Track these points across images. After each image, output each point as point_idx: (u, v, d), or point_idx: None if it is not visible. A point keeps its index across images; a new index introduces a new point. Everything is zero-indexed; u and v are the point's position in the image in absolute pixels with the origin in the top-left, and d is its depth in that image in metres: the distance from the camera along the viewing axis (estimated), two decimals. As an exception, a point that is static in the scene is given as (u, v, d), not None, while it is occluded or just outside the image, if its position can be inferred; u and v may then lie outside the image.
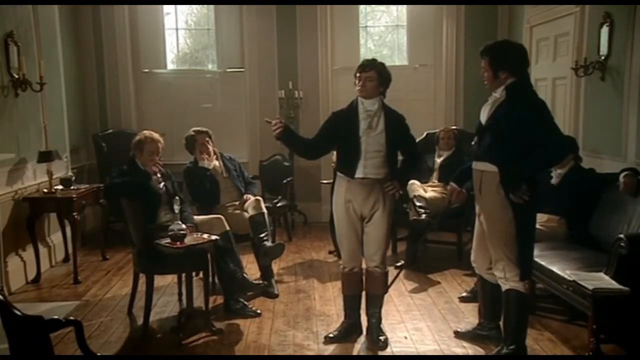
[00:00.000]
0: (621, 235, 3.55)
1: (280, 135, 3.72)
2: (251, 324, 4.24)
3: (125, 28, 7.27)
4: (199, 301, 4.36)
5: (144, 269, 4.26)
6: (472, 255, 3.81)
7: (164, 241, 3.96)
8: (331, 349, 3.86)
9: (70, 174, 5.76)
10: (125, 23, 7.27)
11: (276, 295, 4.79)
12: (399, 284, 4.81)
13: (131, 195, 4.21)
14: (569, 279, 3.69)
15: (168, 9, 7.55)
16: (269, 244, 4.75)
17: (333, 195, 4.02)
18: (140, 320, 4.21)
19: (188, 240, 3.97)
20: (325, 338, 3.95)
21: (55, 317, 2.24)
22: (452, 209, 5.03)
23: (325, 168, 6.72)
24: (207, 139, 4.99)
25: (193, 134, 5.00)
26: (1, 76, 4.96)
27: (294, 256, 6.02)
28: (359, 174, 3.73)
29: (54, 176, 5.38)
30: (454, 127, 6.22)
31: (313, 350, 3.82)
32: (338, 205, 3.88)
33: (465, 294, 4.68)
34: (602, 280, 3.53)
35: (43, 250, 5.48)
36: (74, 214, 5.29)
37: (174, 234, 3.92)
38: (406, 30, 7.61)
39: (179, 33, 7.71)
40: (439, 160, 5.90)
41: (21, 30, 5.25)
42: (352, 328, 4.01)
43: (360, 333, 4.01)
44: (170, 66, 7.73)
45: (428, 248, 5.82)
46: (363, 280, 3.96)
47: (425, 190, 5.63)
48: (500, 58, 3.41)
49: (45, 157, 5.30)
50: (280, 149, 6.23)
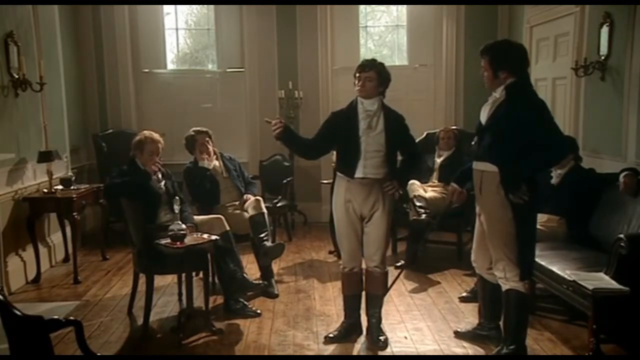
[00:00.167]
0: (621, 235, 3.55)
1: (280, 135, 3.73)
2: (251, 324, 4.24)
3: (125, 28, 7.28)
4: (199, 301, 4.36)
5: (144, 269, 4.26)
6: (473, 255, 3.81)
7: (164, 241, 3.96)
8: (331, 349, 3.86)
9: (70, 174, 5.76)
10: (125, 23, 7.28)
11: (276, 295, 4.80)
12: (399, 284, 4.81)
13: (131, 195, 4.21)
14: (569, 279, 3.69)
15: (168, 9, 7.55)
16: (269, 244, 4.75)
17: (333, 195, 4.02)
18: (140, 320, 4.21)
19: (188, 240, 3.97)
20: (325, 338, 3.95)
21: (55, 317, 2.24)
22: (452, 209, 5.03)
23: (325, 168, 6.72)
24: (207, 139, 4.99)
25: (193, 134, 5.00)
26: (1, 76, 4.96)
27: (294, 256, 6.02)
28: (358, 173, 3.73)
29: (54, 176, 5.38)
30: (454, 127, 6.22)
31: (313, 350, 3.82)
32: (338, 205, 3.88)
33: (465, 294, 4.69)
34: (602, 280, 3.53)
35: (43, 250, 5.48)
36: (74, 214, 5.29)
37: (174, 234, 3.92)
38: (406, 30, 7.61)
39: (179, 33, 7.72)
40: (439, 160, 5.90)
41: (21, 30, 5.25)
42: (352, 328, 4.01)
43: (360, 333, 4.01)
44: (170, 66, 7.73)
45: (428, 248, 5.82)
46: (363, 280, 3.96)
47: (425, 190, 5.63)
48: (500, 58, 3.41)
49: (45, 157, 5.30)
50: (280, 149, 6.23)
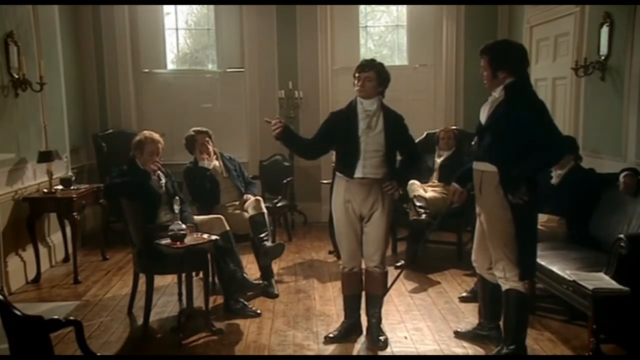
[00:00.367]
0: (621, 235, 3.55)
1: (280, 135, 3.73)
2: (251, 324, 4.24)
3: (125, 28, 7.28)
4: (199, 301, 4.36)
5: (144, 269, 4.26)
6: (473, 255, 3.81)
7: (164, 241, 3.96)
8: (331, 349, 3.86)
9: (70, 174, 5.76)
10: (125, 23, 7.28)
11: (276, 295, 4.80)
12: (399, 283, 4.81)
13: (131, 195, 4.22)
14: (569, 279, 3.69)
15: (168, 9, 7.55)
16: (269, 244, 4.75)
17: (332, 195, 4.02)
18: (140, 320, 4.21)
19: (188, 240, 3.97)
20: (325, 338, 3.95)
21: (55, 317, 2.24)
22: (453, 209, 5.04)
23: (325, 168, 6.72)
24: (207, 139, 4.99)
25: (193, 134, 5.00)
26: (1, 76, 4.96)
27: (294, 256, 6.02)
28: (358, 173, 3.73)
29: (54, 176, 5.38)
30: (454, 127, 6.21)
31: (313, 350, 3.82)
32: (337, 205, 3.88)
33: (465, 294, 4.68)
34: (602, 280, 3.53)
35: (43, 250, 5.48)
36: (74, 214, 5.29)
37: (174, 234, 3.92)
38: (406, 30, 7.61)
39: (179, 33, 7.72)
40: (439, 160, 5.90)
41: (21, 30, 5.25)
42: (352, 328, 4.00)
43: (360, 333, 4.01)
44: (170, 66, 7.73)
45: (428, 248, 5.82)
46: (363, 280, 3.96)
47: (425, 190, 5.63)
48: (500, 57, 3.41)
49: (45, 157, 5.30)
50: (280, 149, 6.23)
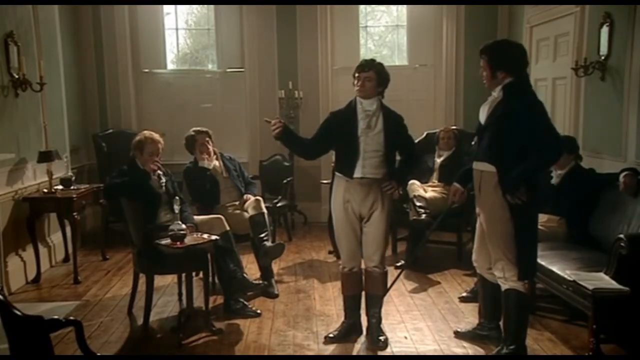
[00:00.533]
0: (621, 235, 3.55)
1: (280, 135, 3.73)
2: (251, 324, 4.24)
3: (125, 28, 7.28)
4: (199, 301, 4.36)
5: (144, 269, 4.26)
6: (474, 255, 3.80)
7: (164, 241, 3.96)
8: (331, 349, 3.86)
9: (70, 174, 5.76)
10: (125, 23, 7.28)
11: (276, 295, 4.80)
12: (399, 283, 4.81)
13: (131, 195, 4.22)
14: (569, 279, 3.69)
15: (168, 9, 7.55)
16: (269, 244, 4.75)
17: (331, 195, 4.02)
18: (140, 320, 4.21)
19: (188, 240, 3.97)
20: (325, 338, 3.95)
21: (55, 317, 2.25)
22: (453, 209, 5.03)
23: (325, 168, 6.72)
24: (207, 139, 4.99)
25: (193, 134, 5.00)
26: (1, 76, 4.95)
27: (294, 256, 6.02)
28: (357, 173, 3.73)
29: (54, 176, 5.38)
30: (454, 127, 6.21)
31: (313, 350, 3.82)
32: (336, 205, 3.88)
33: (465, 294, 4.69)
34: (602, 280, 3.53)
35: (43, 250, 5.48)
36: (74, 214, 5.29)
37: (174, 234, 3.92)
38: (406, 30, 7.61)
39: (179, 33, 7.72)
40: (439, 160, 5.89)
41: (21, 30, 5.25)
42: (352, 328, 4.00)
43: (360, 333, 4.01)
44: (170, 66, 7.73)
45: (428, 248, 5.82)
46: (363, 280, 3.96)
47: (425, 190, 5.63)
48: (498, 57, 3.41)
49: (45, 157, 5.30)
50: (280, 149, 6.23)
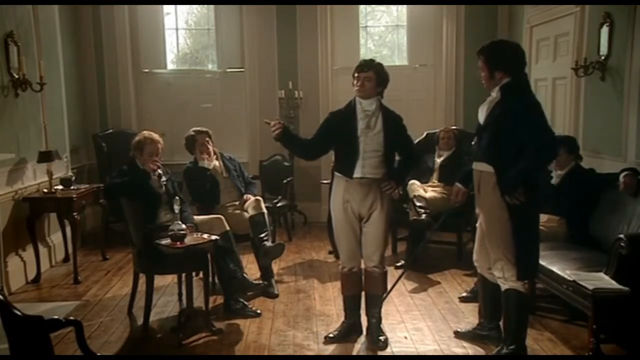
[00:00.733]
0: (621, 235, 3.56)
1: (279, 137, 3.73)
2: (251, 324, 4.24)
3: (125, 28, 7.28)
4: (199, 301, 4.36)
5: (144, 269, 4.26)
6: (475, 255, 3.80)
7: (164, 241, 3.96)
8: (331, 349, 3.86)
9: (70, 174, 5.76)
10: (125, 23, 7.28)
11: (276, 295, 4.80)
12: (399, 284, 4.78)
13: (131, 195, 4.22)
14: (569, 279, 3.69)
15: (168, 9, 7.55)
16: (269, 244, 4.75)
17: (331, 195, 4.02)
18: (140, 320, 4.21)
19: (188, 240, 3.97)
20: (325, 338, 3.95)
21: (55, 317, 2.25)
22: (455, 209, 5.03)
23: (325, 168, 6.71)
24: (207, 139, 4.99)
25: (193, 134, 5.00)
26: (1, 76, 4.95)
27: (294, 256, 6.02)
28: (357, 173, 3.73)
29: (54, 176, 5.38)
30: (454, 127, 6.21)
31: (313, 350, 3.82)
32: (336, 205, 3.87)
33: (465, 294, 4.69)
34: (602, 280, 3.53)
35: (43, 250, 5.48)
36: (74, 214, 5.29)
37: (174, 234, 3.92)
38: (406, 30, 7.61)
39: (179, 33, 7.72)
40: (439, 160, 5.89)
41: (21, 30, 5.24)
42: (352, 328, 4.00)
43: (360, 333, 4.01)
44: (170, 66, 7.73)
45: (428, 248, 5.82)
46: (362, 280, 3.96)
47: (425, 190, 5.63)
48: (496, 58, 3.41)
49: (45, 157, 5.30)
50: (280, 149, 6.20)
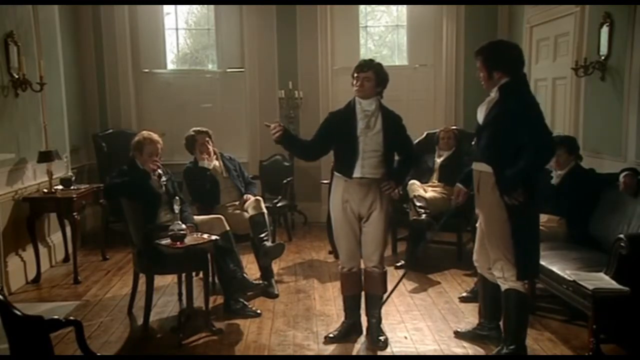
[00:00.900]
0: (621, 235, 3.56)
1: (280, 139, 3.73)
2: (251, 324, 4.24)
3: (125, 28, 7.28)
4: (199, 301, 4.36)
5: (144, 269, 4.26)
6: (475, 255, 3.80)
7: (164, 241, 3.96)
8: (331, 349, 3.86)
9: (70, 174, 5.76)
10: (125, 23, 7.28)
11: (276, 295, 4.80)
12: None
13: (131, 196, 4.22)
14: (569, 279, 3.70)
15: (168, 9, 7.55)
16: (269, 244, 4.75)
17: (330, 195, 4.02)
18: (140, 320, 4.21)
19: (188, 240, 3.97)
20: (325, 338, 3.95)
21: (55, 317, 2.25)
22: (456, 209, 5.04)
23: (325, 168, 6.70)
24: (207, 139, 4.99)
25: (193, 134, 5.00)
26: (1, 76, 4.95)
27: (294, 256, 6.02)
28: (356, 173, 3.73)
29: (54, 176, 5.38)
30: (454, 127, 6.21)
31: (313, 350, 3.82)
32: (335, 205, 3.87)
33: (465, 294, 4.68)
34: (602, 280, 3.53)
35: (43, 250, 5.47)
36: (74, 214, 5.28)
37: (174, 234, 3.92)
38: (406, 30, 7.61)
39: (179, 33, 7.72)
40: (439, 160, 5.89)
41: (21, 30, 5.24)
42: (352, 328, 4.01)
43: (360, 333, 4.01)
44: (170, 66, 7.73)
45: (428, 248, 5.82)
46: (362, 280, 3.96)
47: (425, 190, 5.63)
48: (494, 58, 3.41)
49: (45, 157, 5.30)
50: (280, 149, 6.13)
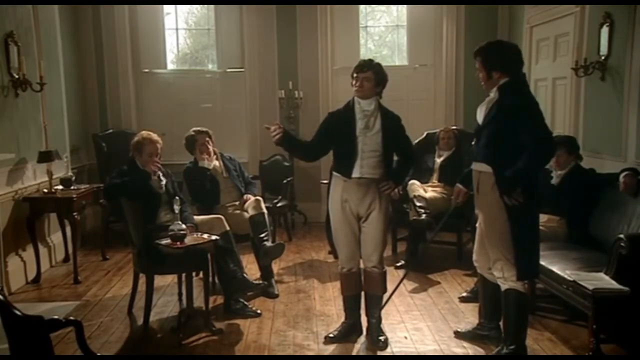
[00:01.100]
0: (621, 235, 3.56)
1: (280, 141, 3.73)
2: (251, 324, 4.24)
3: (125, 28, 7.28)
4: (199, 301, 4.36)
5: (144, 269, 4.26)
6: (475, 255, 3.80)
7: (164, 241, 3.97)
8: (331, 349, 3.86)
9: (70, 174, 5.76)
10: (125, 23, 7.28)
11: (276, 295, 4.80)
12: (399, 284, 4.82)
13: (131, 196, 4.21)
14: (569, 279, 3.70)
15: (168, 9, 7.55)
16: (269, 244, 4.75)
17: (329, 195, 4.01)
18: (140, 320, 4.22)
19: (188, 240, 3.97)
20: (325, 338, 3.95)
21: (55, 317, 2.24)
22: (456, 210, 5.04)
23: (325, 168, 6.70)
24: (207, 139, 4.99)
25: (193, 134, 5.00)
26: (1, 76, 4.95)
27: (294, 256, 6.02)
28: (355, 173, 3.73)
29: (54, 176, 5.38)
30: (454, 127, 6.21)
31: (313, 350, 3.82)
32: (334, 205, 3.87)
33: (465, 294, 4.69)
34: (602, 280, 3.53)
35: (43, 250, 5.47)
36: (74, 214, 5.28)
37: (174, 234, 3.92)
38: (406, 30, 7.62)
39: (179, 33, 7.72)
40: (439, 160, 5.89)
41: (21, 30, 5.24)
42: (352, 328, 4.00)
43: (360, 333, 4.01)
44: (170, 66, 7.73)
45: (428, 248, 5.81)
46: (362, 280, 3.96)
47: (425, 190, 5.63)
48: (492, 58, 3.41)
49: (45, 157, 5.30)
50: (280, 149, 6.18)
